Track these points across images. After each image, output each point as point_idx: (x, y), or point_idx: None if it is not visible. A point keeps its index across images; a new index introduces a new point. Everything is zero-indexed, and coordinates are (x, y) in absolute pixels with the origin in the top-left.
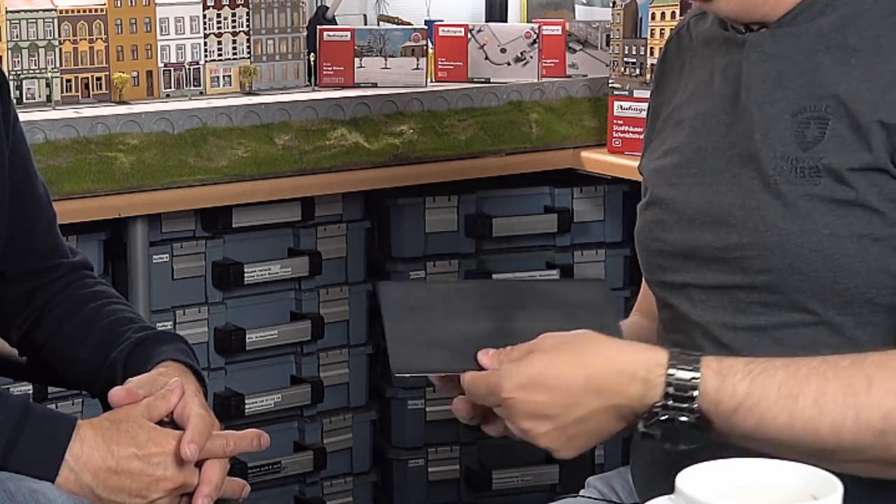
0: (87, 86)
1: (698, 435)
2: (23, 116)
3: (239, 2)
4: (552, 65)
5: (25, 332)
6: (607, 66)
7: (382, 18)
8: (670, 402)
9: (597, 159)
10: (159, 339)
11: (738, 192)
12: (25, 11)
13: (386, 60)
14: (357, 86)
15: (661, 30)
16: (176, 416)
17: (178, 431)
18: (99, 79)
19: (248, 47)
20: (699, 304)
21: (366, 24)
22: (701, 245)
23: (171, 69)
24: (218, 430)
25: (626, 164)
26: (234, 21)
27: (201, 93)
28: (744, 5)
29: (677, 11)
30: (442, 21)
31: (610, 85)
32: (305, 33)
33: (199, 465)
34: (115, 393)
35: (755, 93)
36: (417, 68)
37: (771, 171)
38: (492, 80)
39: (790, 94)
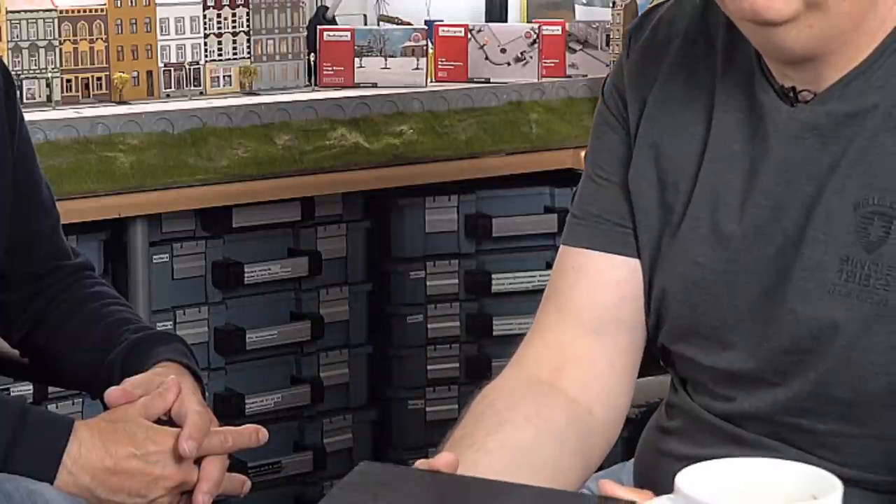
0: (87, 86)
1: None
2: None
3: (239, 2)
4: (552, 65)
5: (26, 333)
6: (607, 66)
7: (382, 18)
8: None
9: None
10: (157, 340)
11: (795, 294)
12: (25, 11)
13: (386, 60)
14: (357, 86)
15: None
16: (174, 413)
17: (176, 429)
18: (99, 79)
19: (248, 47)
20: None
21: (366, 24)
22: (745, 355)
23: (171, 69)
24: (216, 427)
25: None
26: (234, 21)
27: (201, 93)
28: (819, 41)
29: None
30: (442, 21)
31: None
32: (305, 33)
33: (198, 462)
34: (112, 393)
35: (814, 178)
36: (417, 68)
37: (836, 280)
38: (492, 80)
39: (850, 182)
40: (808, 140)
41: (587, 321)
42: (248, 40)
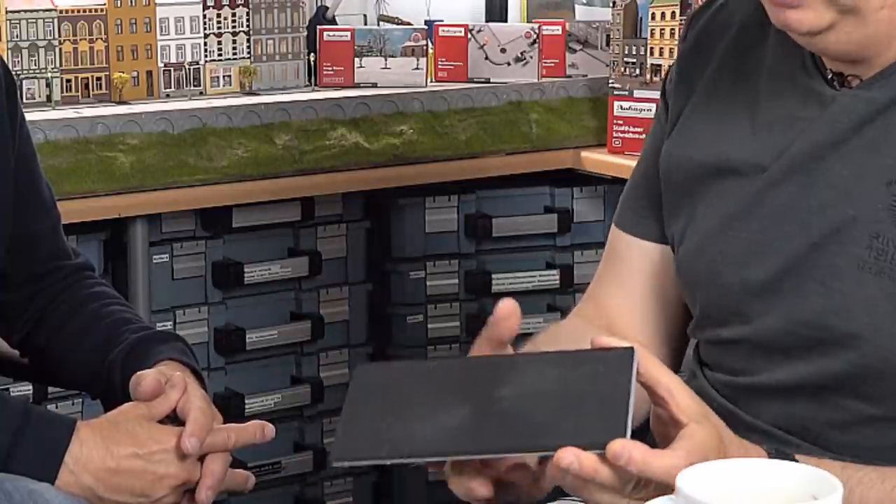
0: (87, 86)
1: None
2: None
3: (239, 2)
4: (552, 65)
5: (26, 333)
6: (607, 66)
7: (382, 18)
8: None
9: (597, 159)
10: (157, 339)
11: (824, 269)
12: (25, 11)
13: (386, 60)
14: (357, 86)
15: (661, 30)
16: (178, 410)
17: (179, 428)
18: (99, 79)
19: (248, 47)
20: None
21: (366, 24)
22: (770, 326)
23: (171, 69)
24: (220, 423)
25: (626, 164)
26: (234, 21)
27: (201, 93)
28: (860, 45)
29: (677, 11)
30: (442, 21)
31: (610, 85)
32: (305, 33)
33: (201, 460)
34: (144, 379)
35: (847, 158)
36: (417, 68)
37: (866, 256)
38: (492, 80)
39: (884, 160)
40: (845, 124)
41: (629, 304)
42: (248, 40)
